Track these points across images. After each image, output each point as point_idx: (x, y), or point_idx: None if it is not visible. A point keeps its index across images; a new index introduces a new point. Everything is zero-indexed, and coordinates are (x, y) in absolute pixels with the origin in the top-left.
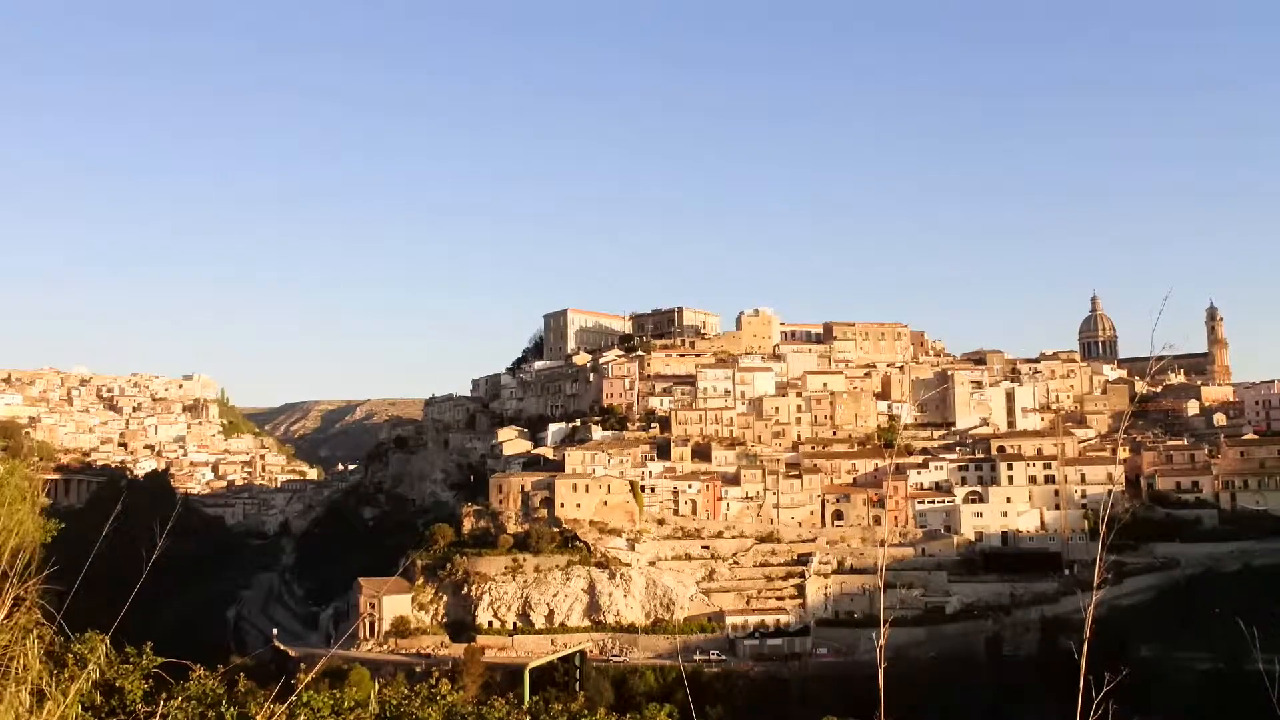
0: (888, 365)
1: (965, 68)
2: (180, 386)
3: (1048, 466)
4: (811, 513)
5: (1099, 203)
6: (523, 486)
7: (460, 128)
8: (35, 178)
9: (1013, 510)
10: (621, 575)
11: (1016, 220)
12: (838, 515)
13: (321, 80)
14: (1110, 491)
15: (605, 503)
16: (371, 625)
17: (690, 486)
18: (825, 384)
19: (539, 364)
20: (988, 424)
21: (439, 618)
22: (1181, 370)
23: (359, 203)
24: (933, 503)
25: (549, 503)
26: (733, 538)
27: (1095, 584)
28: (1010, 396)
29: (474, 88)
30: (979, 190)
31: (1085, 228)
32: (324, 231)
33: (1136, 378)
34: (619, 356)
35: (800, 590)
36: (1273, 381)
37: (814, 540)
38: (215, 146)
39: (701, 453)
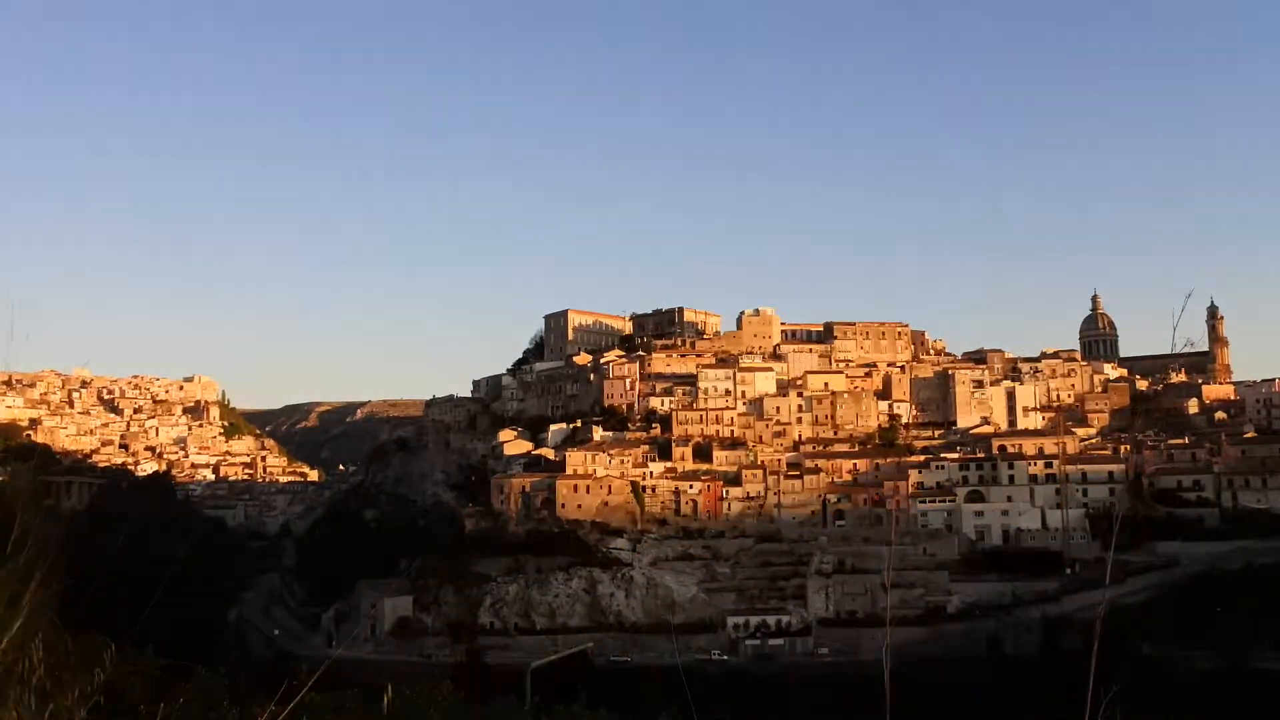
0: (888, 365)
1: (963, 66)
2: (181, 388)
3: (1049, 465)
4: (813, 512)
5: (1099, 202)
6: (524, 487)
7: (459, 125)
8: (34, 177)
9: (1014, 509)
10: (623, 576)
11: (1016, 219)
12: (839, 515)
13: (319, 77)
14: (1122, 489)
15: (606, 503)
16: (373, 626)
17: (691, 486)
18: (826, 384)
19: (540, 365)
20: (988, 423)
21: (440, 619)
22: (1182, 368)
23: (359, 203)
24: (934, 502)
25: (550, 503)
26: (734, 537)
27: (1106, 582)
28: (1011, 395)
29: (473, 85)
30: (979, 189)
31: (1085, 227)
32: (324, 232)
33: (1138, 376)
34: (620, 357)
35: (801, 590)
36: (1274, 380)
37: (815, 540)
38: (215, 145)
39: (702, 453)
